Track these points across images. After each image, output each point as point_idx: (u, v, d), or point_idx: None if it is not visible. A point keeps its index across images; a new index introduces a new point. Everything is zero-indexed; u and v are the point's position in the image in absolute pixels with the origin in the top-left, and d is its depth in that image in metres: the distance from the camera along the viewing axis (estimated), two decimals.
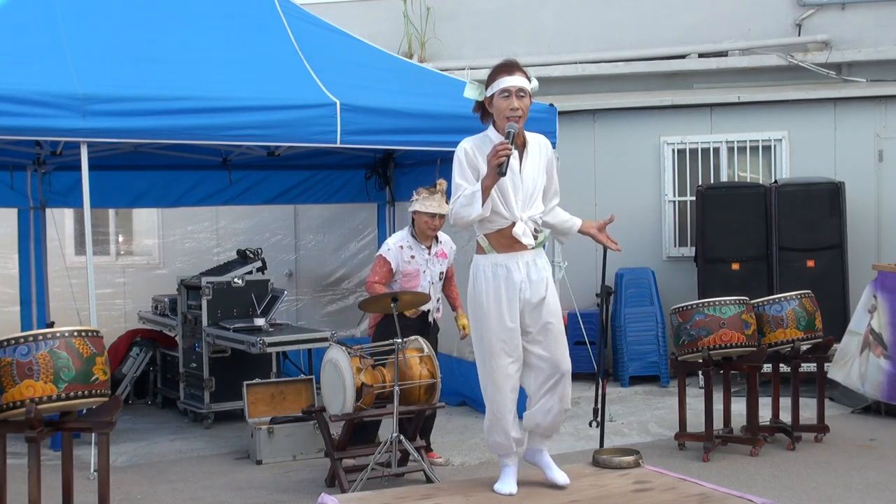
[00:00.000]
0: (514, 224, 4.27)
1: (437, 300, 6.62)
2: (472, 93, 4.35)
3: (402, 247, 6.49)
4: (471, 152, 4.28)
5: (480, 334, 4.35)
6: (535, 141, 4.40)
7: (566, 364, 4.38)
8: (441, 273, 6.61)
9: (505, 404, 4.35)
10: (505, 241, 4.29)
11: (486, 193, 4.13)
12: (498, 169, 4.10)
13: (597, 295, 5.90)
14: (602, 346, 6.29)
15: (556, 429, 4.51)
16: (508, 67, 4.29)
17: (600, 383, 6.19)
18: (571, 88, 10.91)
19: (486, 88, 4.32)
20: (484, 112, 4.39)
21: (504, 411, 4.36)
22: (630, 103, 10.35)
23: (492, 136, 4.30)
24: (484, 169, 4.19)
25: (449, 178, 4.42)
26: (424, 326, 6.53)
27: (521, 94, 4.24)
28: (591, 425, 6.32)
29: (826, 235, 9.16)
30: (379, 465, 5.93)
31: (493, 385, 4.34)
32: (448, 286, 6.78)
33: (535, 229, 4.35)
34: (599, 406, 6.16)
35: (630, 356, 9.66)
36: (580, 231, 4.63)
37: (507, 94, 4.23)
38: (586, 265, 9.48)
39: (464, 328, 6.49)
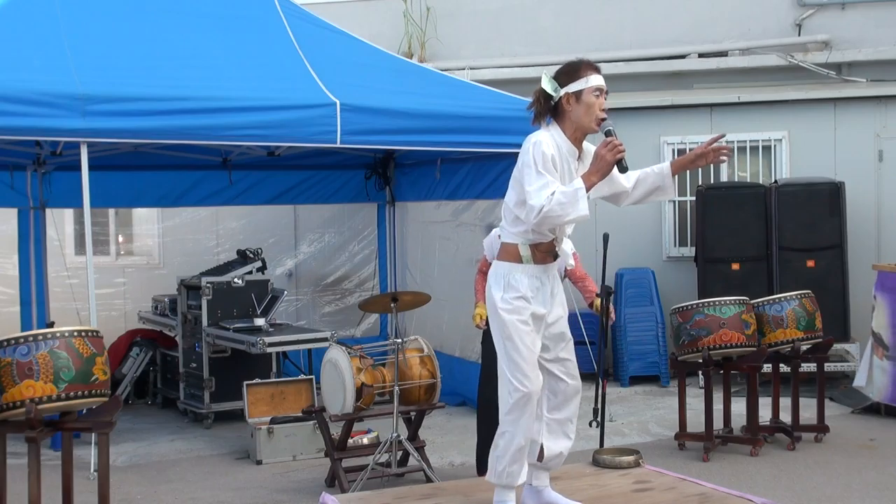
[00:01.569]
0: (554, 240, 4.03)
1: None
2: (549, 86, 3.97)
3: (500, 235, 6.17)
4: (550, 148, 3.89)
5: (512, 352, 3.96)
6: (588, 151, 4.08)
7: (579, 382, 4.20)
8: None
9: (532, 428, 4.07)
10: (541, 254, 4.03)
11: (589, 192, 3.82)
12: (619, 164, 3.86)
13: (597, 295, 5.88)
14: (602, 346, 6.28)
15: (565, 455, 4.23)
16: (594, 65, 4.04)
17: (600, 383, 6.19)
18: None
19: (566, 83, 3.98)
20: (543, 110, 4.02)
21: (531, 435, 4.08)
22: (630, 103, 10.35)
23: (556, 135, 3.98)
24: (558, 169, 3.90)
25: (451, 179, 4.24)
26: None
27: (606, 95, 4.03)
28: (591, 425, 6.31)
29: (826, 235, 9.16)
30: (379, 465, 5.94)
31: (521, 410, 3.98)
32: (575, 283, 6.03)
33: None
34: (599, 406, 6.16)
35: (630, 356, 9.66)
36: (674, 172, 4.17)
37: (599, 92, 3.97)
38: (586, 265, 9.28)
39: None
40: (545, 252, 4.04)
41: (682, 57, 11.00)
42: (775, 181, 9.51)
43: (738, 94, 10.29)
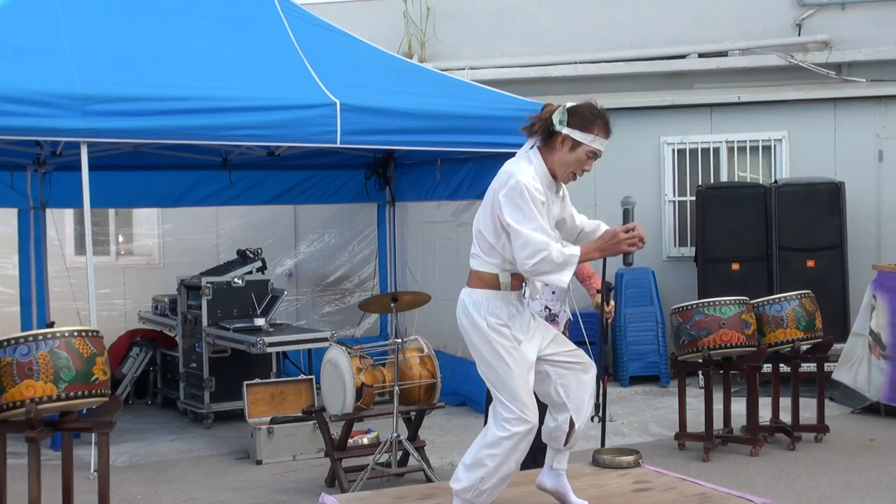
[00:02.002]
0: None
1: (564, 311, 5.83)
2: (557, 117, 3.89)
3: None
4: (533, 186, 3.81)
5: (508, 381, 3.90)
6: (567, 192, 4.14)
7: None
8: None
9: (524, 454, 4.02)
10: (517, 281, 4.00)
11: (580, 264, 3.78)
12: (626, 256, 3.88)
13: (597, 292, 5.88)
14: (602, 344, 6.28)
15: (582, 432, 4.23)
16: (609, 130, 3.96)
17: (600, 383, 6.19)
18: (571, 88, 10.90)
19: (574, 126, 3.88)
20: (539, 131, 3.94)
21: (519, 460, 4.03)
22: (630, 103, 10.34)
23: (536, 165, 3.90)
24: (544, 199, 3.84)
25: (451, 179, 4.17)
26: None
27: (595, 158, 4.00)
28: (591, 420, 6.31)
29: (826, 235, 9.16)
30: (379, 465, 5.94)
31: (521, 438, 3.93)
32: (582, 282, 6.00)
33: None
34: (600, 402, 6.16)
35: (630, 356, 9.66)
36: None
37: (594, 155, 3.94)
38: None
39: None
40: (520, 279, 4.02)
41: (682, 57, 11.00)
42: (775, 181, 9.51)
43: (738, 94, 10.30)
